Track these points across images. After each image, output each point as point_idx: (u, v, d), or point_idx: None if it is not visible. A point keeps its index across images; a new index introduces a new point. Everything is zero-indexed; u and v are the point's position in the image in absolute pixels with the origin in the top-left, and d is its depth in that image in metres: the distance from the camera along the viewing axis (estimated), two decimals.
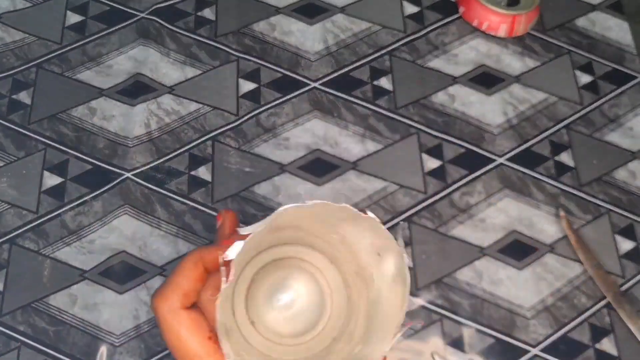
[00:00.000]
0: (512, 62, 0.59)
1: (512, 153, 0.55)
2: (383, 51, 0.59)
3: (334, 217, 0.34)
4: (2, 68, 0.57)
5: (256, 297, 0.36)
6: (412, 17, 0.61)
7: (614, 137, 0.57)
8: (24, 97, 0.56)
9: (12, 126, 0.54)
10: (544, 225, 0.52)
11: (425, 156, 0.54)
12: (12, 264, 0.49)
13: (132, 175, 0.53)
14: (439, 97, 0.57)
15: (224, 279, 0.32)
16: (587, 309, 0.50)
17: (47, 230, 0.50)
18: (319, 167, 0.54)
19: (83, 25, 0.59)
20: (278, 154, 0.54)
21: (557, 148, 0.56)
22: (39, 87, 0.56)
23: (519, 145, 0.55)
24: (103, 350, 0.47)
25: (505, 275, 0.50)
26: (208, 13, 0.60)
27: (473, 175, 0.54)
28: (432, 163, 0.54)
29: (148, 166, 0.53)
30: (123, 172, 0.53)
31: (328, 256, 0.37)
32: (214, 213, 0.52)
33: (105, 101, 0.56)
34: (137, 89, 0.56)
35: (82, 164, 0.53)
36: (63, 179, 0.52)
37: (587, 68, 0.59)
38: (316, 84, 0.57)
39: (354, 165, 0.54)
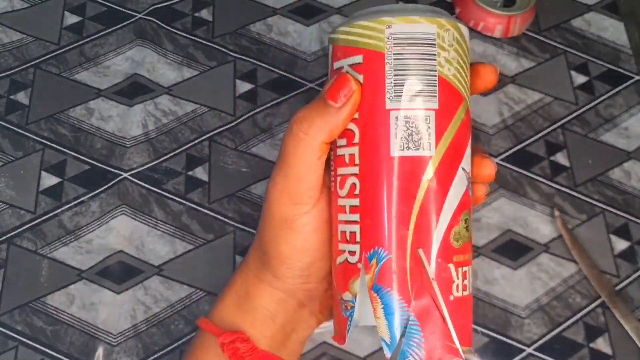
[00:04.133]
0: (508, 63, 0.59)
1: (508, 153, 0.55)
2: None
3: None
4: (0, 68, 0.57)
5: None
6: None
7: (609, 137, 0.57)
8: (22, 97, 0.56)
9: (10, 126, 0.55)
10: (539, 225, 0.53)
11: None
12: (10, 264, 0.49)
13: (130, 175, 0.53)
14: None
15: None
16: (582, 309, 0.50)
17: (45, 230, 0.51)
18: None
19: (81, 26, 0.59)
20: (275, 154, 0.54)
21: (553, 148, 0.56)
22: (37, 87, 0.56)
23: (515, 146, 0.56)
24: (100, 349, 0.47)
25: (500, 274, 0.51)
26: (205, 14, 0.60)
27: None
28: None
29: (145, 166, 0.53)
30: (120, 172, 0.53)
31: None
32: (210, 213, 0.52)
33: (103, 102, 0.56)
34: (134, 90, 0.56)
35: (80, 164, 0.53)
36: (61, 179, 0.53)
37: (582, 68, 0.60)
38: (313, 85, 0.57)
39: None
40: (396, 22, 0.32)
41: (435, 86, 0.32)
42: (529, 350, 0.48)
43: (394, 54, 0.32)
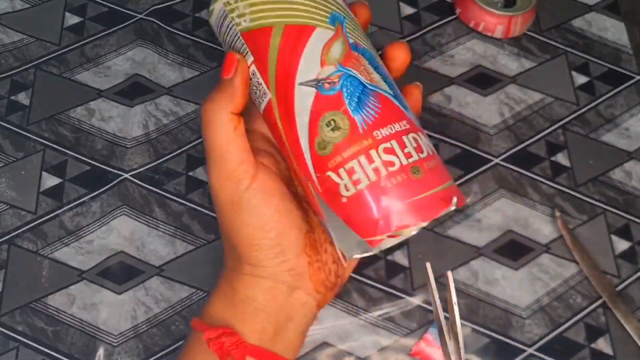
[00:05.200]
0: (509, 63, 0.59)
1: (508, 153, 0.55)
2: (380, 52, 0.59)
3: None
4: (0, 69, 0.57)
5: None
6: (408, 18, 0.61)
7: (610, 137, 0.57)
8: (23, 98, 0.56)
9: (11, 127, 0.55)
10: (540, 226, 0.53)
11: None
12: (11, 264, 0.49)
13: (130, 176, 0.53)
14: (435, 98, 0.57)
15: None
16: (583, 309, 0.50)
17: (46, 231, 0.51)
18: None
19: (81, 27, 0.59)
20: None
21: (553, 148, 0.56)
22: (38, 88, 0.56)
23: (515, 146, 0.56)
24: (101, 350, 0.47)
25: (500, 275, 0.51)
26: (206, 14, 0.60)
27: (469, 176, 0.54)
28: None
29: (146, 167, 0.53)
30: (121, 173, 0.53)
31: None
32: (211, 213, 0.52)
33: (104, 102, 0.56)
34: (135, 90, 0.56)
35: (81, 165, 0.53)
36: (61, 180, 0.53)
37: (583, 69, 0.60)
38: None
39: None
40: (211, 16, 0.39)
41: (244, 44, 0.37)
42: (530, 350, 0.48)
43: (224, 41, 0.39)
